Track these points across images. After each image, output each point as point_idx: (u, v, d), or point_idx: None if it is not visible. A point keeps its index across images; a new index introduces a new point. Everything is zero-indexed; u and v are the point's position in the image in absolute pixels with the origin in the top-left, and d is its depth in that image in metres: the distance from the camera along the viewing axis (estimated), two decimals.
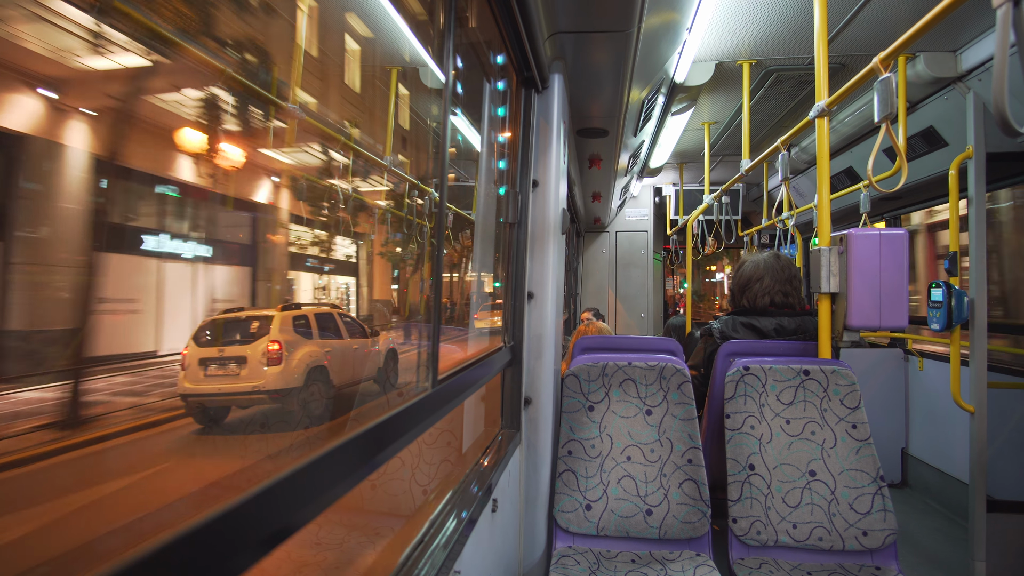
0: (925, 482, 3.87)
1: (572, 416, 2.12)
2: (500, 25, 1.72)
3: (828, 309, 2.21)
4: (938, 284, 2.80)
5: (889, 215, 4.81)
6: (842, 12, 2.66)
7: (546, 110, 2.22)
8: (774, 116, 4.23)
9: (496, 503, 1.66)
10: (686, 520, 1.96)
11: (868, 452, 1.91)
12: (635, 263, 7.22)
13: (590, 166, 4.01)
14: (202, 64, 1.83)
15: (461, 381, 1.42)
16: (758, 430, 1.98)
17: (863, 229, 2.20)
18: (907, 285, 2.16)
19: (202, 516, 0.53)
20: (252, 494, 0.60)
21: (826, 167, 2.27)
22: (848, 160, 4.31)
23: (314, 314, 5.62)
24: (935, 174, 3.46)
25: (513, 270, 2.18)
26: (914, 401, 4.04)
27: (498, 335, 2.28)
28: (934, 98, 3.18)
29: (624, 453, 2.07)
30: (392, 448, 0.99)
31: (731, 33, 2.92)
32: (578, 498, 2.03)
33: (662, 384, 2.09)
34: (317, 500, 0.73)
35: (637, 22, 1.94)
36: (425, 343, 1.31)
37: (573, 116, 2.92)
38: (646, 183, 7.06)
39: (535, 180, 2.21)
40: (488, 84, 2.42)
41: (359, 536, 1.94)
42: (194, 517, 0.53)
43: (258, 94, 2.46)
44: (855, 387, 1.96)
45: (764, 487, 1.93)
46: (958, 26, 2.74)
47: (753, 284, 2.42)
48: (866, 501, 1.86)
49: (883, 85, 1.96)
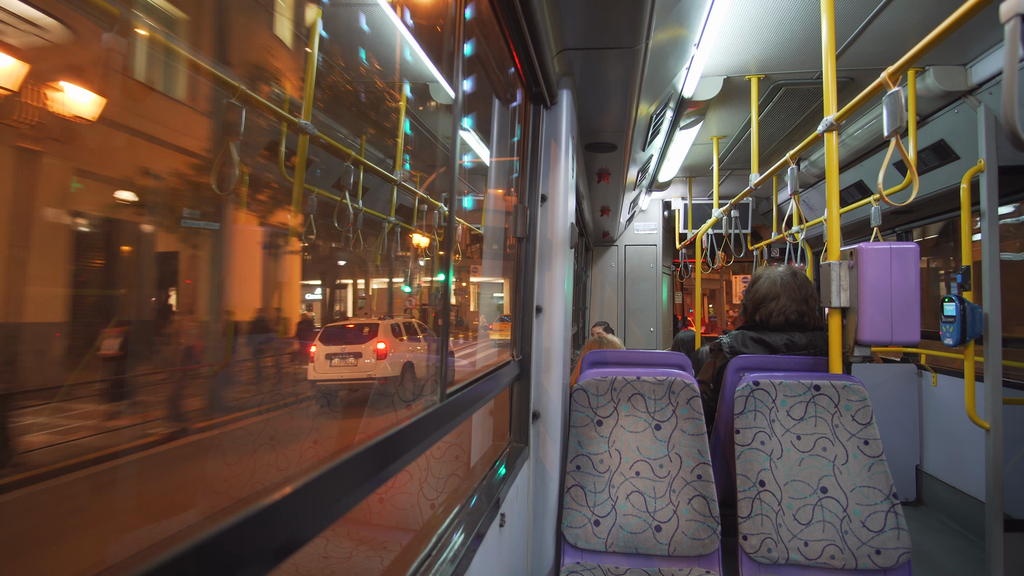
0: (940, 500, 3.80)
1: (580, 431, 2.11)
2: (509, 42, 1.74)
3: (839, 324, 2.19)
4: (951, 298, 2.77)
5: (900, 229, 4.78)
6: (850, 27, 2.67)
7: (555, 125, 2.24)
8: (783, 130, 4.23)
9: (504, 518, 1.65)
10: (696, 537, 1.94)
11: (881, 469, 1.88)
12: (644, 277, 7.21)
13: (599, 180, 4.03)
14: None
15: (470, 395, 1.43)
16: (768, 446, 1.96)
17: (873, 243, 2.19)
18: (919, 299, 2.14)
19: (211, 528, 0.53)
20: (261, 506, 0.60)
21: (835, 181, 2.26)
22: (858, 174, 4.30)
23: (403, 323, 8.25)
24: (946, 187, 3.44)
25: (521, 284, 2.18)
26: (928, 417, 3.98)
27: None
28: (944, 111, 3.17)
29: (633, 468, 2.05)
30: (400, 461, 0.99)
31: (739, 48, 2.94)
32: (587, 513, 2.02)
33: (671, 399, 2.08)
34: (326, 513, 0.73)
35: (645, 38, 1.96)
36: (468, 348, 1.34)
37: (581, 131, 2.94)
38: (655, 197, 7.06)
39: (544, 194, 2.22)
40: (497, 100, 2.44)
41: (366, 550, 1.94)
42: (202, 529, 0.52)
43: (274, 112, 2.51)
44: (867, 403, 1.94)
45: (775, 504, 1.91)
46: (967, 40, 2.74)
47: (768, 302, 2.39)
48: (879, 519, 1.83)
49: (892, 99, 1.96)
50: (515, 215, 2.16)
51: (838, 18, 2.51)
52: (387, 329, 7.58)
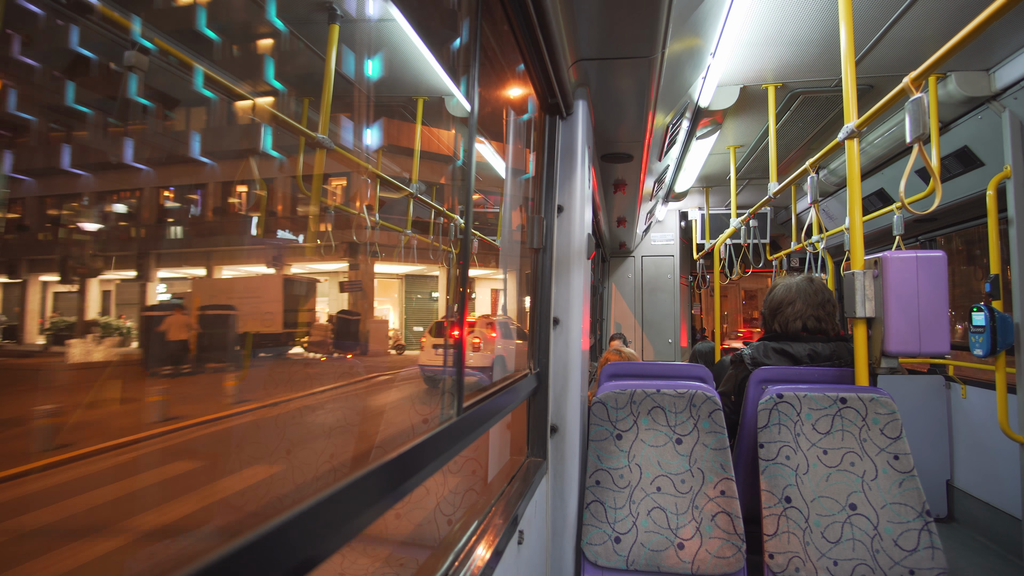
0: (973, 516, 3.68)
1: (600, 445, 2.08)
2: (525, 53, 1.74)
3: (864, 334, 2.14)
4: (980, 308, 2.70)
5: (924, 237, 4.68)
6: (869, 33, 2.64)
7: (570, 136, 2.23)
8: (801, 138, 4.19)
9: (522, 535, 1.62)
10: (720, 555, 1.89)
11: (912, 485, 1.82)
12: (661, 288, 7.15)
13: (615, 191, 4.01)
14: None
15: (486, 409, 1.40)
16: (794, 460, 1.91)
17: (898, 252, 2.14)
18: (947, 309, 2.08)
19: (227, 546, 0.52)
20: (278, 523, 0.60)
21: (857, 189, 2.22)
22: (879, 182, 4.23)
23: (498, 321, 9.75)
24: (971, 195, 3.36)
25: (538, 295, 2.16)
26: (958, 430, 3.87)
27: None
28: (967, 117, 3.11)
29: (654, 484, 2.01)
30: (417, 477, 0.98)
31: (755, 57, 2.92)
32: (607, 530, 1.98)
33: (692, 412, 2.04)
34: (343, 530, 0.73)
35: (661, 48, 1.95)
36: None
37: (597, 141, 2.93)
38: (672, 207, 7.02)
39: (560, 205, 2.21)
40: (512, 112, 2.44)
41: (383, 567, 1.91)
42: (219, 548, 0.52)
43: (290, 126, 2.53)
44: (896, 416, 1.88)
45: (802, 521, 1.85)
46: (990, 44, 2.69)
47: (785, 308, 2.36)
48: (912, 537, 1.77)
49: (915, 105, 1.92)
50: (531, 226, 2.14)
51: (856, 25, 2.48)
52: (482, 325, 9.70)
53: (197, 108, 9.76)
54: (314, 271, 12.67)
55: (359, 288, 13.77)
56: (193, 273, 10.34)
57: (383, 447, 2.26)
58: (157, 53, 1.93)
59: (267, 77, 7.12)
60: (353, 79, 3.39)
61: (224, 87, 2.36)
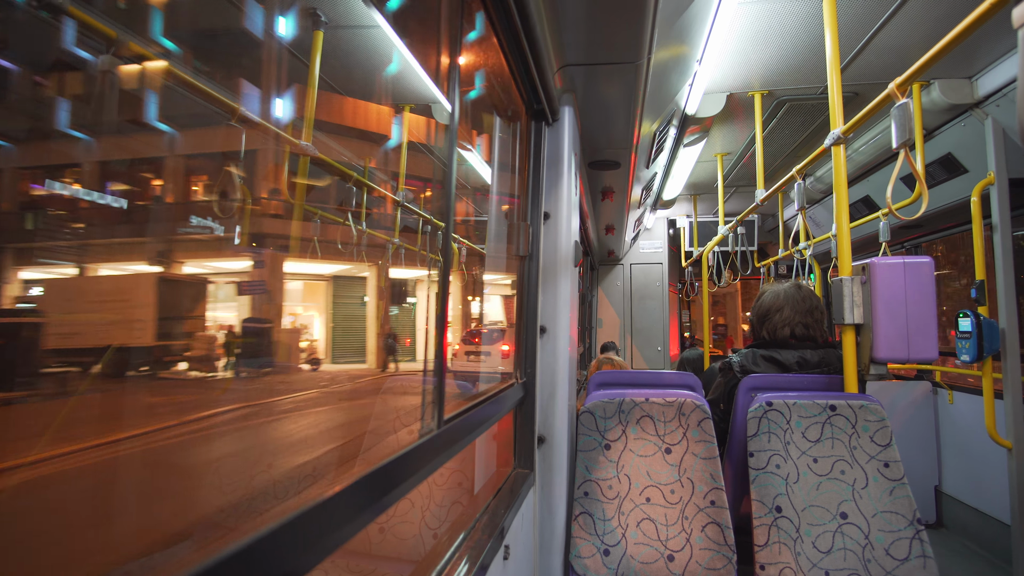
0: (962, 522, 3.68)
1: (588, 455, 2.04)
2: (509, 59, 1.72)
3: (852, 341, 2.12)
4: (966, 313, 2.70)
5: (909, 243, 4.72)
6: (854, 41, 2.65)
7: (556, 142, 2.21)
8: (788, 146, 4.21)
9: (508, 549, 1.58)
10: (710, 566, 1.86)
11: (903, 493, 1.80)
12: (650, 296, 7.15)
13: (603, 199, 4.00)
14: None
15: (469, 420, 1.37)
16: (784, 469, 1.89)
17: (886, 258, 2.13)
18: (935, 315, 2.07)
19: (203, 560, 0.51)
20: (255, 538, 0.59)
21: (844, 195, 2.22)
22: (865, 189, 4.26)
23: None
24: (956, 201, 3.39)
25: (524, 304, 2.13)
26: (945, 436, 3.88)
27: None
28: (951, 125, 3.13)
29: (643, 494, 1.97)
30: (397, 491, 0.95)
31: (742, 64, 2.92)
32: (595, 543, 1.94)
33: (681, 421, 2.01)
34: (322, 544, 0.72)
35: (646, 54, 1.94)
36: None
37: (585, 148, 2.92)
38: (660, 215, 7.03)
39: (546, 212, 2.18)
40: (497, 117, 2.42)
41: None
42: (194, 562, 0.51)
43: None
44: (885, 423, 1.86)
45: (793, 530, 1.83)
46: (972, 52, 2.71)
47: (772, 315, 2.35)
48: (903, 546, 1.75)
49: (900, 111, 1.92)
50: (517, 233, 2.12)
51: (841, 33, 2.49)
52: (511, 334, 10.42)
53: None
54: (220, 269, 10.35)
55: (262, 290, 11.26)
56: (60, 272, 8.14)
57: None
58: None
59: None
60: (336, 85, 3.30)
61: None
